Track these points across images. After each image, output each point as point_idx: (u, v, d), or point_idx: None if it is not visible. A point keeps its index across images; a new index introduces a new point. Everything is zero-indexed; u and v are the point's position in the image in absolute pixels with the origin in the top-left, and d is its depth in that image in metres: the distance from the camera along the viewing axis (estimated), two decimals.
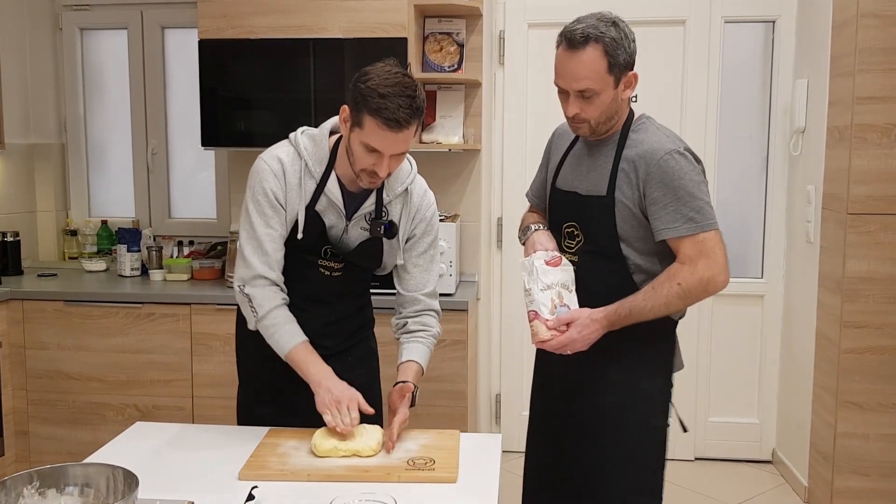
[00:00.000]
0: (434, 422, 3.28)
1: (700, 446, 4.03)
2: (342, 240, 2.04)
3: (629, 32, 1.93)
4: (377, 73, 1.84)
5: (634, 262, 1.98)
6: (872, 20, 3.06)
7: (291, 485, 1.71)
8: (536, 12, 3.84)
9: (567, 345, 1.94)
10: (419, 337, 2.10)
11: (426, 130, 3.65)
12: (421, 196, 2.10)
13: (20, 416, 3.50)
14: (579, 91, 1.91)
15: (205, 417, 3.39)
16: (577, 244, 2.04)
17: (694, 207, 1.90)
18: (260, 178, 1.98)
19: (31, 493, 1.45)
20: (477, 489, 1.71)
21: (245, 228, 2.01)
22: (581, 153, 2.08)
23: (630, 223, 1.96)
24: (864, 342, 3.18)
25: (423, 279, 2.12)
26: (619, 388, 2.03)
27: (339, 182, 2.00)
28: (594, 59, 1.88)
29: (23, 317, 3.46)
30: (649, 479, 2.08)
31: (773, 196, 3.88)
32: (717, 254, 1.92)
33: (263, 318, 1.99)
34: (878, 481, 3.23)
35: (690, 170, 1.91)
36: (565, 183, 2.09)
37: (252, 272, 1.98)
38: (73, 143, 4.17)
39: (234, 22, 3.39)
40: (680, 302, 1.94)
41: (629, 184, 1.94)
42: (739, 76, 3.87)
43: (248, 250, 1.99)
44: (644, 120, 2.03)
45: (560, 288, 1.97)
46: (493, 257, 4.00)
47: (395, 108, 1.79)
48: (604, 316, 1.94)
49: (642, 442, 2.05)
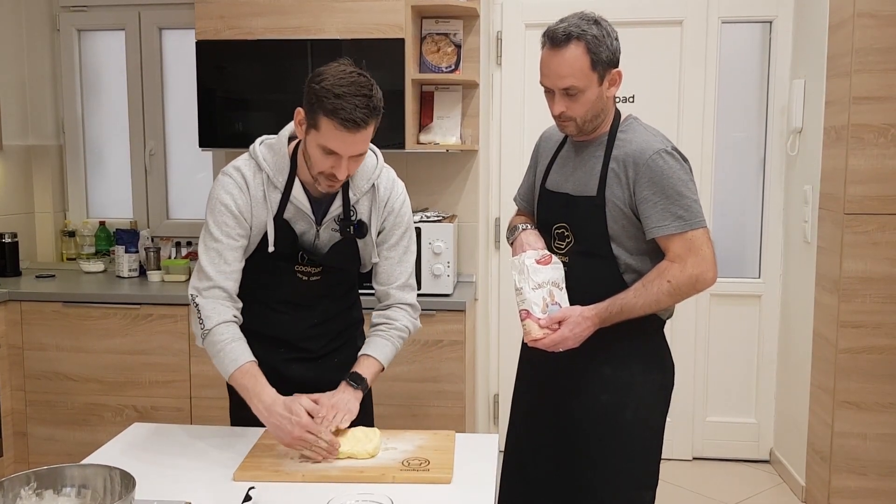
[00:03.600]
0: (432, 422, 3.28)
1: (698, 446, 4.03)
2: (315, 245, 2.00)
3: (611, 31, 1.97)
4: (331, 73, 1.79)
5: (625, 261, 2.00)
6: (869, 20, 3.06)
7: (287, 486, 1.71)
8: (534, 13, 3.84)
9: (559, 343, 1.95)
10: (379, 330, 2.05)
11: (424, 131, 3.65)
12: (388, 189, 2.04)
13: (18, 417, 3.51)
14: (564, 89, 1.95)
15: (203, 418, 3.39)
16: (567, 245, 2.06)
17: (682, 206, 1.93)
18: (222, 189, 1.93)
19: (29, 493, 1.46)
20: (473, 490, 1.71)
21: (204, 239, 1.94)
22: (569, 155, 2.11)
23: (620, 223, 1.98)
24: (861, 342, 3.18)
25: (393, 272, 2.07)
26: (614, 387, 2.04)
27: (304, 188, 1.96)
28: (577, 57, 1.92)
29: (21, 318, 3.46)
30: (645, 474, 2.10)
31: (770, 196, 3.88)
32: (705, 251, 1.95)
33: (209, 333, 1.89)
34: (876, 481, 3.23)
35: (678, 169, 1.94)
36: (555, 185, 2.11)
37: (207, 282, 1.91)
38: (70, 144, 4.17)
39: (231, 23, 3.39)
40: (670, 299, 1.96)
41: (619, 183, 1.96)
42: (736, 76, 3.88)
43: (204, 260, 1.92)
44: (631, 120, 2.06)
45: (551, 286, 1.98)
46: (491, 258, 4.00)
47: (352, 108, 1.75)
48: (595, 313, 1.96)
49: (638, 438, 2.07)
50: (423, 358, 3.31)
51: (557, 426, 2.11)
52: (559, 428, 2.11)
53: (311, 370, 2.07)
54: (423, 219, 3.38)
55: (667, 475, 3.76)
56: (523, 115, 3.91)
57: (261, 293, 2.03)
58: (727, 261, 3.96)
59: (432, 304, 3.24)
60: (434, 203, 3.81)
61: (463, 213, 3.81)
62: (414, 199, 3.75)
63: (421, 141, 3.63)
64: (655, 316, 2.03)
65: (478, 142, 3.75)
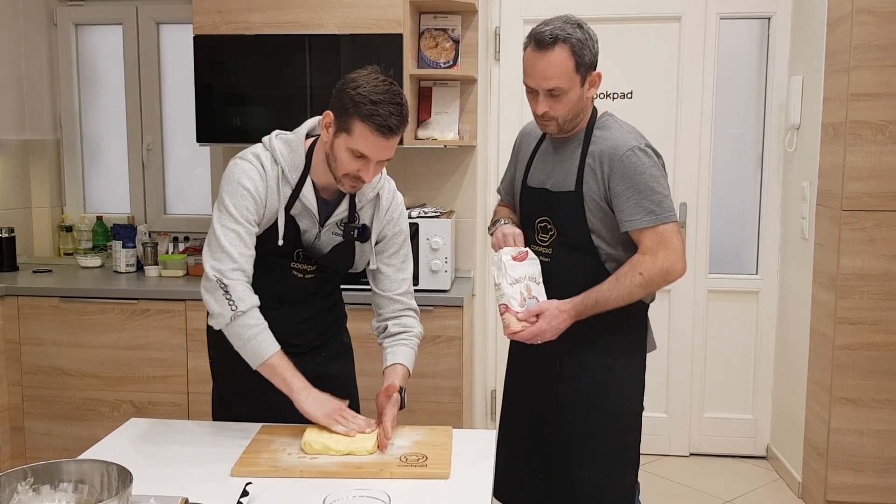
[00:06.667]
0: (429, 418, 3.28)
1: (695, 442, 4.04)
2: (314, 244, 2.04)
3: (593, 34, 2.06)
4: (366, 81, 1.84)
5: (606, 251, 2.10)
6: (867, 17, 3.06)
7: (285, 481, 1.71)
8: (531, 8, 3.83)
9: (537, 335, 2.05)
10: (402, 339, 2.12)
11: (422, 126, 3.65)
12: (390, 199, 2.10)
13: (15, 413, 3.51)
14: (549, 90, 2.03)
15: (200, 413, 3.38)
16: (550, 237, 2.16)
17: (654, 200, 2.02)
18: (243, 174, 1.93)
19: (26, 489, 1.45)
20: (470, 485, 1.72)
21: (222, 220, 1.92)
22: (548, 151, 2.19)
23: (598, 216, 2.07)
24: (858, 338, 3.19)
25: (397, 279, 2.13)
26: (597, 372, 2.14)
27: (314, 188, 1.99)
28: (562, 60, 2.00)
29: (18, 313, 3.45)
30: (627, 454, 2.20)
31: (768, 192, 3.89)
32: (675, 244, 2.04)
33: (242, 316, 1.90)
34: (872, 477, 3.25)
35: (651, 165, 2.03)
36: (535, 180, 2.20)
37: (232, 264, 1.90)
38: (68, 138, 4.16)
39: (229, 18, 3.39)
40: (642, 290, 2.06)
41: (595, 179, 2.05)
42: (734, 73, 3.88)
43: (224, 241, 1.90)
44: (607, 118, 2.14)
45: (528, 281, 2.08)
46: (489, 254, 3.99)
47: (387, 114, 1.81)
48: (571, 307, 2.06)
49: (620, 420, 2.17)
50: (421, 354, 3.25)
51: (542, 411, 2.21)
52: (544, 413, 2.20)
53: (299, 364, 2.08)
54: (421, 214, 3.38)
55: (664, 471, 3.77)
56: (521, 111, 3.91)
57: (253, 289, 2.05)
58: (724, 257, 3.97)
59: (430, 300, 3.24)
60: (432, 199, 3.81)
61: (461, 209, 3.81)
62: (412, 194, 3.78)
63: (419, 136, 3.63)
64: (640, 301, 2.11)
65: (476, 137, 3.75)
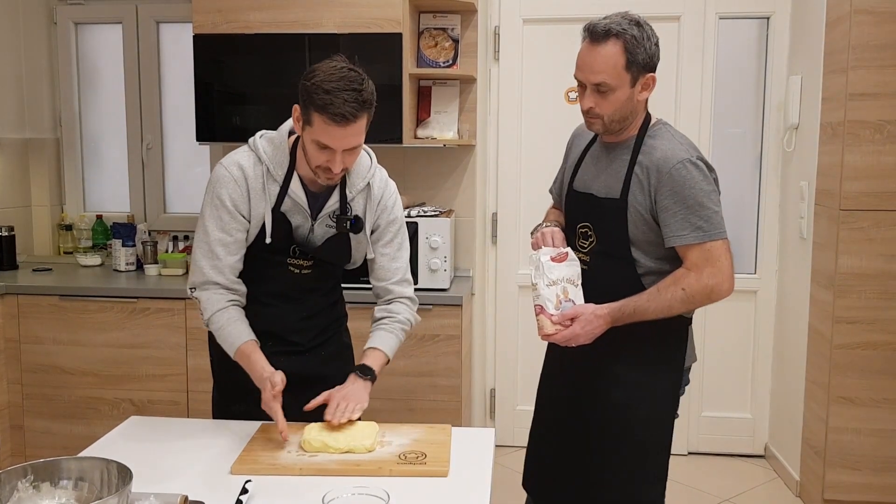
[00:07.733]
0: (428, 416, 3.29)
1: (693, 441, 4.05)
2: (309, 239, 2.05)
3: (652, 35, 1.97)
4: (322, 70, 1.84)
5: (644, 265, 2.02)
6: (866, 17, 3.07)
7: (284, 479, 1.72)
8: (531, 8, 3.84)
9: (570, 339, 1.99)
10: (383, 324, 2.12)
11: (421, 126, 3.65)
12: (382, 188, 2.10)
13: (15, 411, 3.51)
14: (595, 84, 1.95)
15: (199, 412, 3.39)
16: (589, 244, 2.09)
17: (703, 216, 1.95)
18: (219, 184, 1.99)
19: (26, 486, 1.46)
20: (469, 483, 1.72)
21: (198, 233, 2.03)
22: (598, 154, 2.12)
23: (641, 228, 2.00)
24: (856, 338, 3.19)
25: (390, 268, 2.13)
26: (627, 385, 2.07)
27: (301, 182, 2.01)
28: (613, 54, 1.92)
29: (18, 311, 3.46)
30: (654, 469, 2.13)
31: (767, 192, 3.89)
32: (723, 263, 1.97)
33: (209, 322, 2.03)
34: (869, 476, 3.25)
35: (701, 179, 1.95)
36: (582, 184, 2.13)
37: (202, 277, 2.01)
38: (67, 137, 4.17)
39: (228, 17, 3.39)
40: (682, 306, 1.99)
41: (642, 190, 1.98)
42: (733, 72, 3.88)
43: (198, 254, 2.02)
44: (660, 126, 2.05)
45: (566, 283, 2.01)
46: (488, 253, 4.01)
47: (341, 102, 1.79)
48: (607, 312, 1.98)
49: (649, 435, 2.10)
50: (420, 352, 3.32)
51: (572, 420, 2.15)
52: (574, 422, 2.15)
53: (299, 363, 2.10)
54: (421, 213, 3.38)
55: None
56: (520, 110, 3.92)
57: (252, 287, 2.08)
58: None
59: (429, 299, 3.24)
60: (431, 198, 3.82)
61: (460, 208, 3.81)
62: (411, 193, 3.79)
63: (418, 136, 3.63)
64: (680, 315, 2.05)
65: (475, 137, 3.75)
